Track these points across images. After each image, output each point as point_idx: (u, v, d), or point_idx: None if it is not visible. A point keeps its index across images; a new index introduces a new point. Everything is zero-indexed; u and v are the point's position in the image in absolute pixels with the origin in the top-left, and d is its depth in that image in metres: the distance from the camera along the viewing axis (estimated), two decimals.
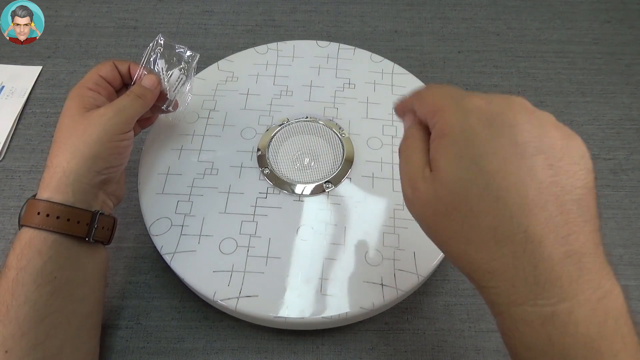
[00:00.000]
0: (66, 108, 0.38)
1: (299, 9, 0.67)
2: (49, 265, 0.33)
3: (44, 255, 0.33)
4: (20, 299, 0.32)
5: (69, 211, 0.34)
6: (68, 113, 0.37)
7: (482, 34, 0.66)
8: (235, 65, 0.52)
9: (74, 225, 0.35)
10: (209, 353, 0.42)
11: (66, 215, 0.34)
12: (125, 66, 0.41)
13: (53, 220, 0.34)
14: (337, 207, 0.43)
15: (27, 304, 0.32)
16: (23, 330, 0.32)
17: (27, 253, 0.33)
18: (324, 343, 0.42)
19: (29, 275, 0.33)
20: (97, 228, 0.36)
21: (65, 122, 0.37)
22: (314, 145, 0.47)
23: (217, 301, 0.38)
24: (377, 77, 0.52)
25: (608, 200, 0.52)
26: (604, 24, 0.67)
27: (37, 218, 0.34)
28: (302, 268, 0.40)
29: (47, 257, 0.33)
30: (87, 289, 0.37)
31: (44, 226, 0.34)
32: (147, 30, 0.64)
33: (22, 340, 0.32)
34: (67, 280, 0.34)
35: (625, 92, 0.60)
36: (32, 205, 0.34)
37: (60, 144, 0.36)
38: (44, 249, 0.33)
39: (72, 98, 0.38)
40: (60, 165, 0.35)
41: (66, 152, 0.35)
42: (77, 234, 0.35)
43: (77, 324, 0.36)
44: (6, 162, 0.53)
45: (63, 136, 0.36)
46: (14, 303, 0.32)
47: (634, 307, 0.45)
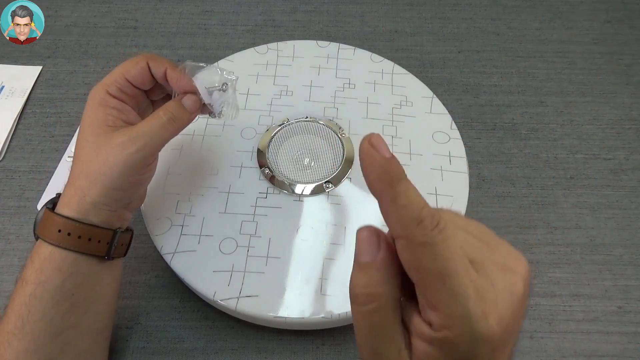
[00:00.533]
0: (87, 121, 0.34)
1: (299, 9, 0.67)
2: (68, 283, 0.33)
3: (64, 273, 0.33)
4: (37, 314, 0.32)
5: (90, 230, 0.33)
6: (89, 128, 0.34)
7: (482, 34, 0.66)
8: (235, 65, 0.52)
9: (94, 245, 0.33)
10: (209, 353, 0.42)
11: (87, 235, 0.33)
12: (162, 69, 0.36)
13: (74, 240, 0.32)
14: (337, 207, 0.43)
15: (44, 320, 0.32)
16: (37, 345, 0.32)
17: (46, 269, 0.32)
18: (324, 343, 0.42)
19: (47, 292, 0.32)
20: (116, 246, 0.35)
21: (86, 138, 0.34)
22: (314, 145, 0.47)
23: (217, 301, 0.38)
24: (377, 77, 0.52)
25: (608, 200, 0.52)
26: (604, 24, 0.67)
27: (57, 235, 0.32)
28: (302, 268, 0.40)
29: (67, 274, 0.33)
30: (103, 305, 0.36)
31: (65, 245, 0.32)
32: (147, 30, 0.64)
33: (36, 355, 0.32)
34: (85, 297, 0.34)
35: (625, 92, 0.60)
36: (51, 220, 0.33)
37: (81, 165, 0.34)
38: (64, 266, 0.33)
39: (93, 107, 0.34)
40: (81, 188, 0.33)
41: (87, 178, 0.33)
42: (97, 253, 0.34)
43: (91, 338, 0.35)
44: (6, 162, 0.53)
45: (85, 157, 0.34)
46: (30, 318, 0.31)
47: (634, 307, 0.45)
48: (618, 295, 0.46)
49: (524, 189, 0.52)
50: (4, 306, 0.44)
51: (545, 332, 0.44)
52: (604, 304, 0.45)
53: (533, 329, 0.44)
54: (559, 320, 0.44)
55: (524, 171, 0.53)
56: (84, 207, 0.33)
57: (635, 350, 0.43)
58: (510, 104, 0.58)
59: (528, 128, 0.57)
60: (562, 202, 0.51)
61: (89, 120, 0.34)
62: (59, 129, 0.55)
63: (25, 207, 0.50)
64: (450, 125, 0.48)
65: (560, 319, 0.44)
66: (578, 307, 0.45)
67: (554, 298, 0.46)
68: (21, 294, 0.32)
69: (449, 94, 0.59)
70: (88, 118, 0.34)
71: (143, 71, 0.35)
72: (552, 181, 0.53)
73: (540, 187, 0.52)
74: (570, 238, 0.49)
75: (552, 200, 0.51)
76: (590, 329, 0.44)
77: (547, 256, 0.48)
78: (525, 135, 0.56)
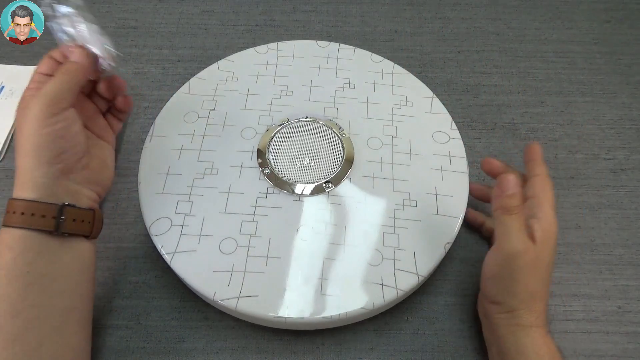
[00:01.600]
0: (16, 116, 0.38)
1: (299, 9, 0.67)
2: (19, 260, 0.34)
3: (14, 250, 0.34)
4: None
5: (30, 206, 0.35)
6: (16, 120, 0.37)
7: (482, 34, 0.66)
8: (235, 65, 0.52)
9: (38, 220, 0.35)
10: (209, 353, 0.42)
11: (30, 211, 0.34)
12: (59, 53, 0.41)
13: (18, 217, 0.34)
14: (337, 207, 0.43)
15: (1, 299, 0.33)
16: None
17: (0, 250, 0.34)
18: (324, 343, 0.42)
19: (1, 270, 0.33)
20: (66, 220, 0.36)
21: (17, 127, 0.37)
22: (314, 145, 0.47)
23: (217, 301, 0.38)
24: (377, 77, 0.52)
25: (608, 200, 0.52)
26: (604, 24, 0.67)
27: (6, 217, 0.35)
28: (302, 268, 0.40)
29: (17, 252, 0.34)
30: (66, 283, 0.36)
31: (11, 223, 0.34)
32: (147, 30, 0.64)
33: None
34: (41, 274, 0.35)
35: (625, 92, 0.60)
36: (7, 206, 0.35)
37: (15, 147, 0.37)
38: (13, 244, 0.34)
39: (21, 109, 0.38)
40: (18, 165, 0.36)
41: (17, 152, 0.36)
42: (43, 227, 0.35)
43: (57, 318, 0.35)
44: (6, 162, 0.53)
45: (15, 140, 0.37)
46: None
47: (633, 307, 0.45)
48: (618, 295, 0.46)
49: None
50: None
51: None
52: (604, 304, 0.45)
53: None
54: (558, 320, 0.44)
55: (524, 171, 0.53)
56: (21, 180, 0.35)
57: (635, 350, 0.43)
58: (510, 104, 0.58)
59: (528, 128, 0.57)
60: (562, 202, 0.51)
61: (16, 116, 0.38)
62: None
63: None
64: (450, 125, 0.48)
65: (560, 319, 0.44)
66: (578, 307, 0.45)
67: (554, 298, 0.46)
68: None
69: (449, 94, 0.59)
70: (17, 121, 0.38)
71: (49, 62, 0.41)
72: (552, 181, 0.53)
73: None
74: (570, 238, 0.49)
75: None
76: (590, 329, 0.44)
77: None
78: (525, 135, 0.56)
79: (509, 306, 0.38)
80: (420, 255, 0.41)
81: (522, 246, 0.36)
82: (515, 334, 0.37)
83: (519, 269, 0.37)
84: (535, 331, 0.37)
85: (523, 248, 0.36)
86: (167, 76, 0.60)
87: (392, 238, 0.41)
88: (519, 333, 0.37)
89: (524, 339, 0.37)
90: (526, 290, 0.37)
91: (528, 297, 0.37)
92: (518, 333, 0.37)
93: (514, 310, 0.37)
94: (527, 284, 0.37)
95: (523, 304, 0.37)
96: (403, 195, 0.44)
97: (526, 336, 0.37)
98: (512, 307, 0.37)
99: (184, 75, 0.59)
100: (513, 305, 0.37)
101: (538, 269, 0.37)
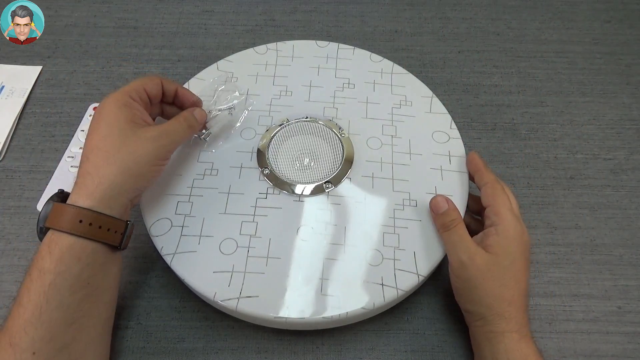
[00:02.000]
0: (113, 117, 0.37)
1: (299, 9, 0.67)
2: (85, 272, 0.34)
3: (82, 262, 0.34)
4: (54, 303, 0.33)
5: (110, 221, 0.35)
6: (116, 124, 0.37)
7: (482, 34, 0.66)
8: (235, 65, 0.52)
9: (112, 235, 0.35)
10: (209, 353, 0.42)
11: (107, 225, 0.35)
12: (172, 88, 0.42)
13: (95, 229, 0.34)
14: (337, 207, 0.43)
15: (60, 309, 0.33)
16: (52, 333, 0.33)
17: (66, 258, 0.33)
18: (324, 343, 0.42)
19: (66, 281, 0.33)
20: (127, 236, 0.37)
21: (114, 132, 0.36)
22: (314, 145, 0.47)
23: (217, 302, 0.38)
24: (377, 77, 0.52)
25: (608, 200, 0.52)
26: (604, 24, 0.67)
27: (79, 226, 0.34)
28: (302, 268, 0.40)
29: (85, 264, 0.34)
30: (110, 295, 0.38)
31: (87, 235, 0.34)
32: (147, 30, 0.64)
33: (51, 342, 0.32)
34: (97, 287, 0.35)
35: (625, 92, 0.60)
36: (71, 212, 0.34)
37: (106, 155, 0.36)
38: (83, 256, 0.34)
39: (119, 107, 0.37)
40: (106, 177, 0.35)
41: (114, 165, 0.35)
42: (113, 242, 0.36)
43: (100, 327, 0.37)
44: (6, 162, 0.53)
45: (112, 148, 0.36)
46: (48, 307, 0.32)
47: (633, 307, 0.45)
48: (618, 295, 0.46)
49: (524, 189, 0.52)
50: (4, 306, 0.44)
51: (545, 332, 0.44)
52: (604, 304, 0.45)
53: (533, 329, 0.43)
54: (559, 320, 0.44)
55: (524, 171, 0.53)
56: (108, 196, 0.35)
57: (635, 350, 0.43)
58: (510, 104, 0.58)
59: (528, 128, 0.57)
60: (562, 202, 0.51)
61: (114, 117, 0.37)
62: (59, 129, 0.55)
63: (25, 207, 0.50)
64: (450, 125, 0.48)
65: (560, 319, 0.44)
66: (578, 307, 0.45)
67: (554, 298, 0.46)
68: (39, 283, 0.33)
69: (449, 94, 0.59)
70: (113, 115, 0.37)
71: (157, 86, 0.41)
72: (552, 181, 0.53)
73: (540, 187, 0.52)
74: (570, 238, 0.49)
75: (552, 200, 0.51)
76: (590, 329, 0.44)
77: (547, 256, 0.48)
78: (525, 135, 0.56)
79: (479, 313, 0.38)
80: (420, 255, 0.41)
81: (465, 256, 0.38)
82: (490, 340, 0.38)
83: (472, 277, 0.38)
84: (508, 337, 0.37)
85: (467, 257, 0.38)
86: (167, 76, 0.59)
87: (392, 238, 0.41)
88: (493, 340, 0.37)
89: (497, 345, 0.37)
90: (488, 296, 0.38)
91: (494, 303, 0.37)
92: (493, 340, 0.37)
93: (484, 317, 0.38)
94: (487, 290, 0.38)
95: (491, 310, 0.37)
96: (403, 195, 0.44)
97: (500, 342, 0.37)
98: (481, 314, 0.38)
99: (184, 75, 0.59)
100: (481, 312, 0.38)
101: (495, 274, 0.38)
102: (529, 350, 0.37)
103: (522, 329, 0.37)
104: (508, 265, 0.38)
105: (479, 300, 0.38)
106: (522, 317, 0.38)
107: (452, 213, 0.40)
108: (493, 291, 0.38)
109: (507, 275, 0.38)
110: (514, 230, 0.39)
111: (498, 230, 0.39)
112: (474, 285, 0.38)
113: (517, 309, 0.38)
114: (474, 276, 0.38)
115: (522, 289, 0.38)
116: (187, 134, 0.41)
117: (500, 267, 0.38)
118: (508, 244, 0.38)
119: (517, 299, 0.38)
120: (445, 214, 0.40)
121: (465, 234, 0.39)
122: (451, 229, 0.40)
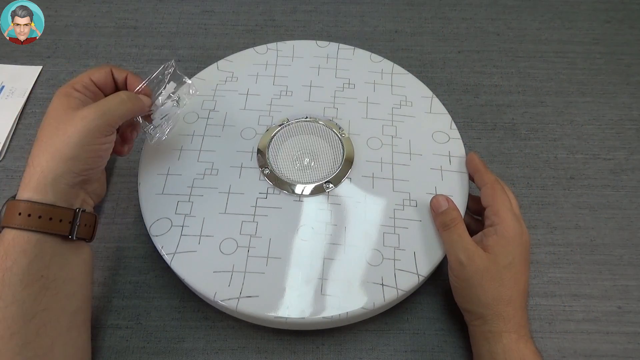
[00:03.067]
0: (51, 107, 0.37)
1: (299, 9, 0.67)
2: (34, 265, 0.34)
3: (29, 255, 0.33)
4: (7, 299, 0.32)
5: (50, 210, 0.34)
6: (53, 113, 0.37)
7: (482, 34, 0.66)
8: (235, 65, 0.52)
9: (56, 224, 0.35)
10: (209, 353, 0.42)
11: (48, 215, 0.34)
12: (123, 75, 0.41)
13: (35, 220, 0.34)
14: (337, 207, 0.43)
15: (15, 304, 0.32)
16: (12, 330, 0.32)
17: (11, 253, 0.33)
18: (324, 343, 0.42)
19: (15, 276, 0.33)
20: (79, 226, 0.36)
21: (49, 121, 0.36)
22: (314, 145, 0.47)
23: (217, 302, 0.38)
24: (377, 77, 0.52)
25: (608, 200, 0.52)
26: (604, 24, 0.67)
27: (18, 219, 0.34)
28: (302, 268, 0.40)
29: (32, 256, 0.34)
30: (74, 286, 0.37)
31: (27, 226, 0.34)
32: (147, 30, 0.64)
33: (12, 340, 0.32)
34: (54, 278, 0.35)
35: (625, 92, 0.60)
36: (12, 206, 0.34)
37: (41, 144, 0.36)
38: (28, 248, 0.34)
39: (59, 97, 0.37)
40: (40, 165, 0.35)
41: (46, 152, 0.35)
42: (60, 232, 0.35)
43: (66, 320, 0.36)
44: (6, 162, 0.53)
45: (45, 135, 0.36)
46: (2, 304, 0.32)
47: (633, 308, 0.45)
48: (618, 295, 0.46)
49: (524, 189, 0.52)
50: None
51: (545, 332, 0.44)
52: (604, 304, 0.45)
53: (533, 329, 0.44)
54: (559, 320, 0.44)
55: (524, 171, 0.53)
56: (42, 184, 0.35)
57: (635, 350, 0.43)
58: (510, 104, 0.59)
59: (528, 128, 0.57)
60: (562, 202, 0.51)
61: (53, 108, 0.37)
62: None
63: None
64: (450, 125, 0.48)
65: (560, 319, 0.44)
66: (578, 307, 0.45)
67: (554, 298, 0.46)
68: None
69: (449, 94, 0.59)
70: (53, 106, 0.37)
71: (106, 75, 0.40)
72: (552, 181, 0.53)
73: (540, 187, 0.52)
74: (570, 238, 0.49)
75: (552, 200, 0.51)
76: (590, 329, 0.44)
77: (547, 256, 0.48)
78: (525, 135, 0.56)
79: (477, 313, 0.38)
80: (420, 255, 0.41)
81: (464, 255, 0.38)
82: (488, 340, 0.38)
83: (471, 277, 0.38)
84: (506, 337, 0.37)
85: (466, 257, 0.38)
86: None
87: (392, 238, 0.41)
88: (491, 339, 0.37)
89: (495, 345, 0.37)
90: (487, 296, 0.38)
91: (493, 303, 0.38)
92: (491, 339, 0.38)
93: (483, 317, 0.38)
94: (486, 290, 0.38)
95: (490, 310, 0.38)
96: (403, 195, 0.44)
97: (498, 342, 0.37)
98: (480, 314, 0.38)
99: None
100: (479, 311, 0.38)
101: (493, 274, 0.38)
102: (527, 351, 0.37)
103: (521, 329, 0.37)
104: (507, 266, 0.38)
105: (478, 299, 0.38)
106: (521, 317, 0.38)
107: (452, 212, 0.40)
108: (492, 291, 0.38)
109: (506, 276, 0.38)
110: (513, 231, 0.39)
111: (497, 230, 0.39)
112: (473, 285, 0.38)
113: (515, 309, 0.38)
114: (472, 276, 0.38)
115: (521, 289, 0.38)
116: (124, 109, 0.38)
117: (499, 267, 0.38)
118: (507, 244, 0.39)
119: (516, 299, 0.38)
120: (445, 212, 0.40)
121: (465, 234, 0.39)
122: (451, 228, 0.40)
